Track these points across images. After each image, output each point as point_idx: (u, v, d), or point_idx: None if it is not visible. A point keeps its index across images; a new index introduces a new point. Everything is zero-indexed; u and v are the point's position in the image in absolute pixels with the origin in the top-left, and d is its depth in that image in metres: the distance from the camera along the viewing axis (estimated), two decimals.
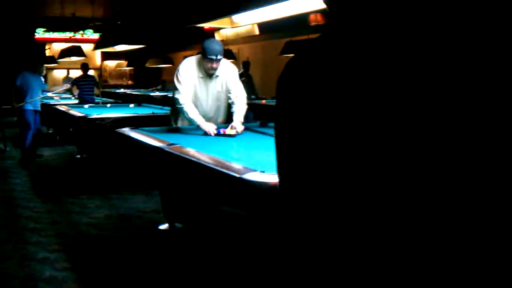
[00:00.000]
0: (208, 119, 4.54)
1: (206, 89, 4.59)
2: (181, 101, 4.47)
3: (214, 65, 4.44)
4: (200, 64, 4.54)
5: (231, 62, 5.19)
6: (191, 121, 4.51)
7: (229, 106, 4.70)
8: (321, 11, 8.60)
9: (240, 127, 4.33)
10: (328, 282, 0.72)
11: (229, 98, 4.62)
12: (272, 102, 9.22)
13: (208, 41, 4.45)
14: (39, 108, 8.44)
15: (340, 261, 0.70)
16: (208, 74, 4.53)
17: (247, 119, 10.77)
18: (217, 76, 4.58)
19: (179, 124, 4.78)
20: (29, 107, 8.25)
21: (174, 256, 3.94)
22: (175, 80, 4.57)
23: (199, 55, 4.56)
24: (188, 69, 4.55)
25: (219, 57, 4.39)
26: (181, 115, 4.72)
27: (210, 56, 4.37)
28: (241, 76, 11.34)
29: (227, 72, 4.64)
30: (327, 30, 0.74)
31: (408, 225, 0.64)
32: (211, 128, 4.31)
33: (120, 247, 4.14)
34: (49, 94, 9.57)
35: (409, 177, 0.63)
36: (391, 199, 0.64)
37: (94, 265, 3.79)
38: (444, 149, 0.61)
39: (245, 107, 4.60)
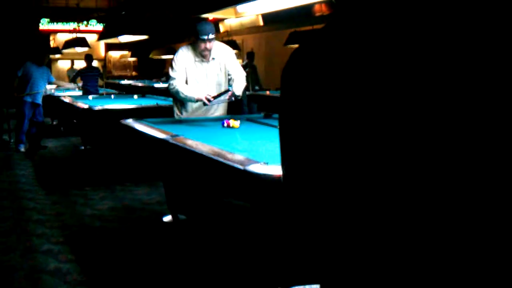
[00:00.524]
0: (210, 106, 4.58)
1: (205, 73, 4.61)
2: (173, 84, 4.52)
3: (208, 46, 4.48)
4: (195, 49, 4.58)
5: (236, 53, 5.20)
6: (187, 100, 4.57)
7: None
8: (326, 2, 8.56)
9: (238, 91, 4.47)
10: (331, 274, 0.72)
11: (229, 80, 4.67)
12: (276, 93, 9.21)
13: (199, 23, 4.52)
14: (38, 102, 8.33)
15: (342, 254, 0.70)
16: (203, 56, 4.56)
17: (251, 110, 10.77)
18: (213, 58, 4.60)
19: (183, 115, 4.78)
20: (28, 99, 8.21)
21: (178, 248, 3.94)
22: (169, 68, 4.65)
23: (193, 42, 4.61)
24: (182, 55, 4.61)
25: (211, 36, 4.44)
26: (183, 106, 4.73)
27: (202, 36, 4.42)
28: (245, 67, 11.34)
29: (224, 54, 4.67)
30: (332, 21, 0.73)
31: (409, 220, 0.63)
32: (206, 94, 4.42)
33: (124, 239, 4.14)
34: (49, 87, 9.49)
35: (410, 171, 0.63)
36: (392, 192, 0.64)
37: (98, 257, 3.79)
38: (446, 147, 0.60)
39: (244, 83, 4.66)
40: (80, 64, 13.61)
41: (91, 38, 15.55)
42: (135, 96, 8.89)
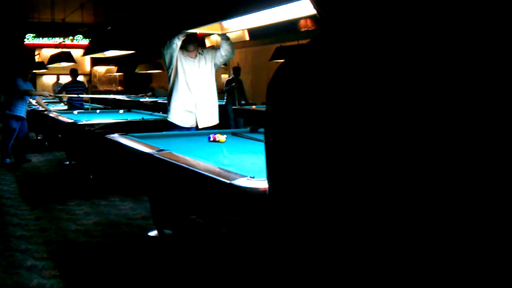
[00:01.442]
0: (203, 107, 5.10)
1: (192, 64, 5.12)
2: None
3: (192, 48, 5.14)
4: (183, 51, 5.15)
5: (222, 67, 5.51)
6: (178, 39, 4.96)
7: (220, 107, 5.11)
8: (311, 17, 8.62)
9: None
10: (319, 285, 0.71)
11: (220, 56, 5.26)
12: (263, 108, 9.23)
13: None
14: (21, 115, 8.35)
15: (335, 266, 0.68)
16: (190, 50, 5.14)
17: (237, 124, 10.74)
18: (200, 53, 5.18)
19: (173, 115, 5.09)
20: (15, 113, 8.22)
21: (164, 263, 3.91)
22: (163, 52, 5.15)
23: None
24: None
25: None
26: (172, 110, 5.10)
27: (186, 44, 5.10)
28: (231, 81, 11.37)
29: (210, 50, 5.32)
30: (317, 36, 0.73)
31: (403, 230, 0.63)
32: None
33: (109, 254, 4.10)
34: (34, 100, 9.46)
35: (405, 182, 0.62)
36: (389, 203, 0.63)
37: (82, 272, 3.75)
38: (441, 151, 0.60)
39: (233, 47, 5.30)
40: (65, 79, 13.53)
41: (77, 53, 15.50)
42: (121, 111, 8.85)
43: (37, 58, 17.79)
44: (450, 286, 0.62)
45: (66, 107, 10.05)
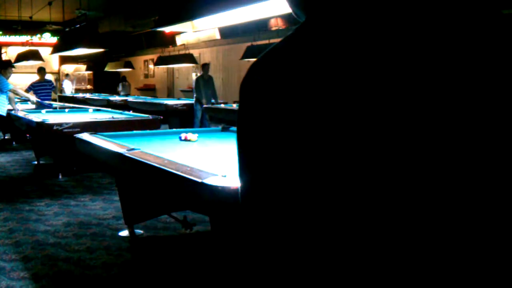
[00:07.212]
0: None
1: None
2: None
3: None
4: None
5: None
6: None
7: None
8: (282, 16, 8.64)
9: None
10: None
11: None
12: (231, 106, 9.25)
13: None
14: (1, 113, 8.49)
15: (323, 264, 0.67)
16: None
17: (207, 123, 10.66)
18: None
19: None
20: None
21: (135, 263, 3.88)
22: None
23: None
24: None
25: None
26: None
27: None
28: (201, 78, 11.27)
29: None
30: (292, 34, 0.73)
31: (400, 232, 0.62)
32: None
33: (79, 255, 4.05)
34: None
35: (397, 176, 0.62)
36: (386, 197, 0.63)
37: (51, 274, 3.70)
38: (433, 150, 0.60)
39: None
40: (33, 78, 13.28)
41: (44, 51, 15.24)
42: (90, 110, 8.75)
43: (4, 57, 17.47)
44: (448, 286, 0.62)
45: (34, 106, 9.89)
